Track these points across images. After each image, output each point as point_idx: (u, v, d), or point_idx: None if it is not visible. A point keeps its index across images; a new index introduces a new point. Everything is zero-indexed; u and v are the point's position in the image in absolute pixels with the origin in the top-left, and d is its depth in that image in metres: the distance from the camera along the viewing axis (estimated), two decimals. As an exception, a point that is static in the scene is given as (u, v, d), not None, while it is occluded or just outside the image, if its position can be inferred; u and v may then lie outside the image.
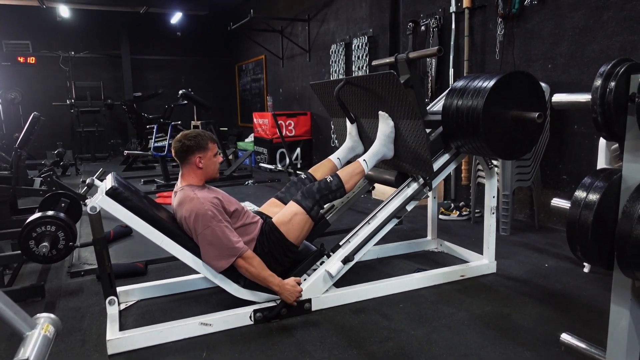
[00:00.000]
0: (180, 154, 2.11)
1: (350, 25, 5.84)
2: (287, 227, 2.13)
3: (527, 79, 2.18)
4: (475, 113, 2.11)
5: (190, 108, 6.68)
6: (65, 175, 6.92)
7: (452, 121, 2.26)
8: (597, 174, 1.19)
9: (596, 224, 1.13)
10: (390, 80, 2.18)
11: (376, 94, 2.31)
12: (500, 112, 2.14)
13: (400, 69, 2.47)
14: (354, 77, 2.39)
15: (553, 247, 3.01)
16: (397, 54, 2.44)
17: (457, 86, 2.27)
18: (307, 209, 2.14)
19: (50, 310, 2.24)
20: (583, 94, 1.24)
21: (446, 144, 2.43)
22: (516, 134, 2.21)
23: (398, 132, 2.35)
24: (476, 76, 2.24)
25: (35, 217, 2.29)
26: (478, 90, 2.13)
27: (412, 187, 2.37)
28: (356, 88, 2.43)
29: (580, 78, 3.20)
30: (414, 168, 2.37)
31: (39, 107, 7.20)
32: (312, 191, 2.19)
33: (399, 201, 2.33)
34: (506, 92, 2.12)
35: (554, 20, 3.34)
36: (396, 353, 1.78)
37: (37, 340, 1.15)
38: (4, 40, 9.12)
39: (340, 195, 2.26)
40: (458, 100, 2.21)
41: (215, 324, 1.97)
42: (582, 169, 3.25)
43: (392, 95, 2.23)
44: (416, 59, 2.40)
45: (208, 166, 2.12)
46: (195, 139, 2.10)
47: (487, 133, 2.13)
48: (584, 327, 1.95)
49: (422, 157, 2.26)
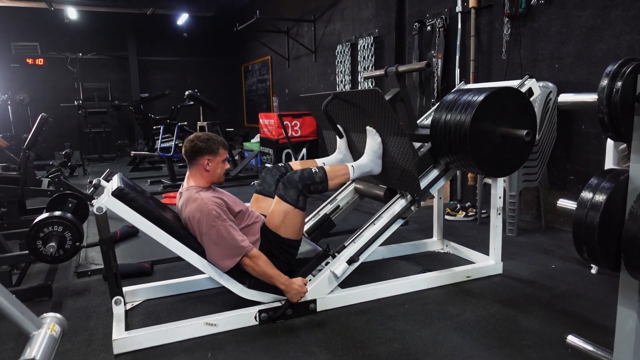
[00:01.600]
0: (190, 154, 2.12)
1: (356, 25, 5.84)
2: (282, 228, 2.10)
3: (517, 95, 2.15)
4: (463, 129, 2.07)
5: (196, 109, 6.71)
6: (72, 176, 6.97)
7: (440, 136, 2.22)
8: (604, 175, 1.18)
9: (603, 225, 1.12)
10: (376, 97, 2.14)
11: (363, 109, 2.27)
12: (489, 128, 2.10)
13: (390, 82, 2.44)
14: (341, 92, 2.35)
15: (560, 248, 2.99)
16: (387, 67, 2.41)
17: (446, 100, 2.23)
18: (292, 203, 2.09)
19: (57, 309, 2.25)
20: (590, 94, 1.23)
21: (435, 160, 2.38)
22: (505, 151, 2.17)
23: (385, 148, 2.30)
24: (466, 90, 2.21)
25: (43, 217, 2.31)
26: (466, 106, 2.08)
27: (400, 204, 2.33)
28: (345, 103, 2.38)
29: (588, 78, 3.17)
30: (401, 185, 2.32)
31: (47, 108, 7.27)
32: (293, 180, 2.11)
33: (386, 219, 2.28)
34: (495, 108, 2.09)
35: (561, 19, 3.32)
36: (401, 354, 1.78)
37: (44, 340, 1.15)
38: (12, 42, 9.21)
39: (322, 189, 2.18)
40: (446, 115, 2.17)
41: (220, 324, 1.98)
42: (589, 170, 3.23)
43: (379, 112, 2.19)
44: (406, 72, 2.37)
45: (215, 170, 2.13)
46: (207, 142, 2.10)
47: (474, 150, 2.09)
48: (590, 328, 1.93)
49: (409, 175, 2.21)
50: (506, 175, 2.40)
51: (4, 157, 5.22)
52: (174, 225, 2.02)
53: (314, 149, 6.99)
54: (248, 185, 5.84)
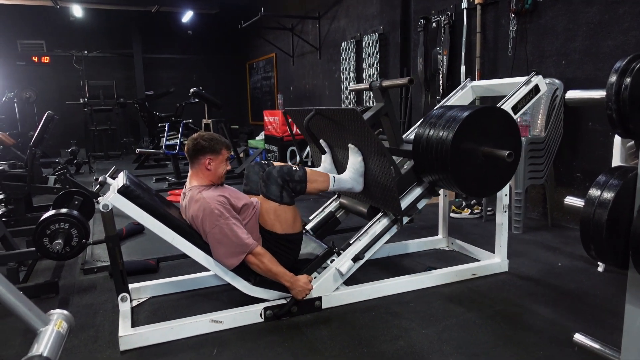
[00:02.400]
0: (192, 153, 2.12)
1: (361, 22, 5.82)
2: (276, 225, 2.09)
3: (502, 115, 2.10)
4: (444, 147, 2.00)
5: (201, 106, 6.73)
6: (78, 173, 7.00)
7: (422, 154, 2.15)
8: (612, 172, 1.17)
9: (611, 222, 1.11)
10: (354, 117, 2.10)
11: (344, 127, 2.23)
12: (471, 147, 2.03)
13: (374, 97, 2.40)
14: (324, 109, 2.29)
15: (566, 245, 2.97)
16: (372, 81, 2.38)
17: (430, 115, 2.17)
18: (277, 200, 2.06)
19: (63, 306, 2.27)
20: (597, 91, 1.22)
21: (418, 178, 2.32)
22: (487, 171, 2.10)
23: (367, 167, 2.25)
24: (450, 107, 2.16)
25: (49, 214, 2.32)
26: (449, 123, 2.02)
27: (382, 224, 2.28)
28: (327, 119, 2.33)
29: (595, 74, 3.15)
30: (383, 204, 2.27)
31: (53, 106, 7.30)
32: (272, 175, 2.07)
33: (368, 239, 2.25)
34: (479, 126, 2.02)
35: (568, 15, 3.29)
36: (407, 352, 1.77)
37: (51, 337, 1.16)
38: (19, 40, 9.26)
39: (300, 190, 2.12)
40: (429, 131, 2.11)
41: (225, 321, 1.99)
42: (596, 167, 3.20)
43: (359, 131, 2.15)
44: (389, 87, 2.33)
45: (216, 170, 2.13)
46: (211, 142, 2.11)
47: (455, 169, 2.02)
48: (597, 327, 1.93)
49: (390, 194, 2.16)
50: (488, 196, 2.33)
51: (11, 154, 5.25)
52: (179, 222, 2.02)
53: (319, 146, 6.98)
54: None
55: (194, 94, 6.26)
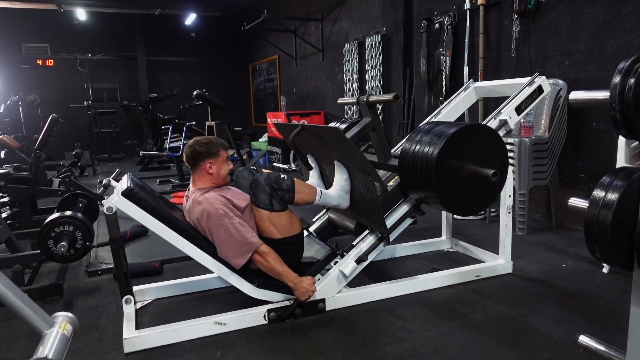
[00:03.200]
0: (192, 160, 2.13)
1: (364, 24, 5.82)
2: (272, 231, 2.07)
3: (489, 133, 2.07)
4: (429, 164, 1.95)
5: (204, 108, 6.73)
6: (83, 176, 7.03)
7: (408, 170, 2.10)
8: (616, 173, 1.17)
9: (615, 223, 1.10)
10: (337, 136, 2.08)
11: (330, 145, 2.22)
12: (457, 165, 1.98)
13: (362, 112, 2.37)
14: (309, 126, 2.27)
15: (571, 247, 2.96)
16: (359, 96, 2.37)
17: (417, 130, 2.14)
18: (267, 208, 2.04)
19: (68, 308, 2.27)
20: (601, 91, 1.22)
21: (405, 194, 2.27)
22: (473, 189, 2.04)
23: (353, 184, 2.23)
24: (437, 123, 2.13)
25: (54, 217, 2.33)
26: (435, 139, 1.98)
27: (368, 242, 2.24)
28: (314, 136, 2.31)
29: (599, 75, 3.14)
30: (368, 221, 2.24)
31: (57, 109, 7.35)
32: (259, 183, 2.03)
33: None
34: (465, 144, 1.98)
35: (571, 15, 3.28)
36: (410, 354, 1.77)
37: (56, 339, 1.16)
38: (23, 43, 9.32)
39: (287, 199, 2.08)
40: (415, 147, 2.06)
41: (229, 323, 1.99)
42: (600, 168, 3.19)
43: (343, 149, 2.13)
44: (376, 102, 2.31)
45: (218, 172, 2.14)
46: (207, 146, 2.11)
47: (440, 187, 1.98)
48: (602, 328, 1.91)
49: (375, 212, 2.13)
50: (473, 214, 2.29)
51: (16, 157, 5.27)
52: (183, 224, 2.03)
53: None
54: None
55: (197, 96, 6.27)
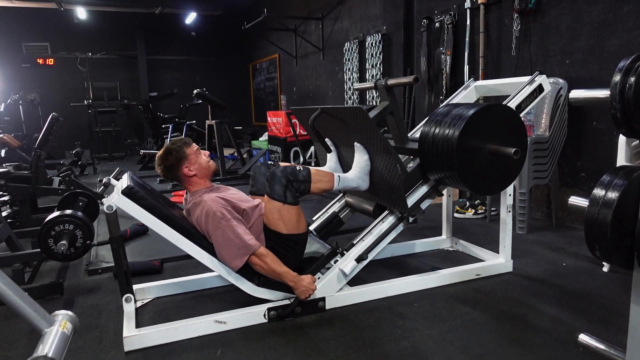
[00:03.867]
0: (170, 174, 2.14)
1: (364, 22, 5.82)
2: (280, 225, 2.08)
3: (508, 112, 2.10)
4: (450, 145, 2.00)
5: (205, 107, 6.73)
6: (83, 175, 7.04)
7: (428, 152, 2.15)
8: (617, 172, 1.16)
9: (615, 222, 1.10)
10: (360, 115, 2.10)
11: (350, 126, 2.24)
12: (477, 145, 2.03)
13: (380, 95, 2.39)
14: (329, 108, 2.30)
15: (571, 245, 2.96)
16: (377, 80, 2.38)
17: (436, 113, 2.18)
18: (280, 199, 2.05)
19: (68, 307, 2.28)
20: (602, 90, 1.22)
21: (424, 176, 2.31)
22: (493, 169, 2.10)
23: (373, 165, 2.25)
24: (456, 105, 2.16)
25: (54, 215, 2.34)
26: (455, 121, 2.02)
27: (388, 222, 2.28)
28: (333, 117, 2.34)
29: (599, 74, 3.13)
30: (389, 202, 2.27)
31: (57, 108, 7.34)
32: (276, 175, 2.06)
33: (372, 239, 2.25)
34: (485, 124, 2.02)
35: (572, 14, 3.28)
36: (411, 352, 1.77)
37: (56, 337, 1.16)
38: (23, 42, 9.31)
39: (304, 189, 2.11)
40: (435, 130, 2.11)
41: (229, 322, 1.99)
42: (601, 166, 3.19)
43: (364, 129, 2.15)
44: (395, 86, 2.33)
45: (199, 167, 2.14)
46: (172, 155, 2.11)
47: (461, 166, 2.02)
48: (602, 327, 1.92)
49: (396, 192, 2.16)
50: (494, 193, 2.33)
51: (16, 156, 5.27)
52: (183, 223, 2.03)
53: (322, 147, 6.98)
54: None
55: (197, 95, 6.27)
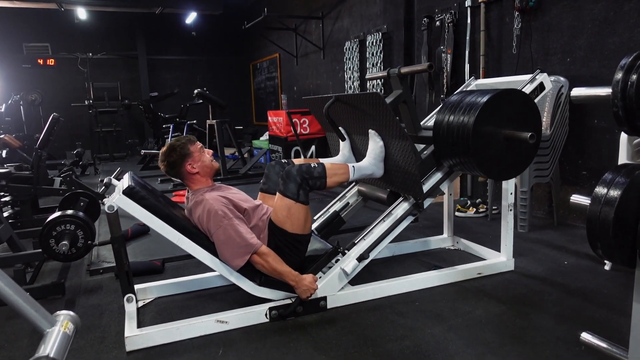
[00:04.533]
0: (172, 171, 2.14)
1: (364, 22, 5.81)
2: (287, 223, 2.08)
3: (521, 97, 2.11)
4: (466, 131, 2.03)
5: (205, 107, 6.73)
6: (84, 175, 7.04)
7: (443, 139, 2.18)
8: (619, 170, 1.16)
9: (617, 220, 1.10)
10: (376, 100, 2.12)
11: (365, 112, 2.25)
12: (492, 130, 2.06)
13: (392, 84, 2.40)
14: (343, 95, 2.32)
15: (572, 244, 2.96)
16: (390, 69, 2.39)
17: (449, 101, 2.20)
18: (293, 197, 2.06)
19: (70, 307, 2.28)
20: (603, 88, 1.21)
21: (438, 162, 2.35)
22: (509, 153, 2.13)
23: (388, 152, 2.27)
24: (469, 92, 2.18)
25: (55, 216, 2.33)
26: (469, 107, 2.05)
27: (403, 208, 2.30)
28: (347, 105, 2.36)
29: (601, 71, 3.13)
30: (404, 188, 2.29)
31: (58, 108, 7.35)
32: (292, 174, 2.07)
33: (389, 223, 2.27)
34: (499, 109, 2.05)
35: (573, 12, 3.27)
36: (412, 351, 1.77)
37: (57, 337, 1.17)
38: (24, 43, 9.32)
39: (320, 185, 2.13)
40: (449, 117, 2.14)
41: (231, 322, 1.99)
42: (602, 165, 3.18)
43: (380, 115, 2.17)
44: (408, 74, 2.34)
45: (202, 165, 2.14)
46: (175, 152, 2.12)
47: (477, 152, 2.05)
48: (605, 326, 1.91)
49: (411, 178, 2.19)
50: (510, 178, 2.35)
51: (17, 157, 5.28)
52: (184, 223, 2.03)
53: (323, 146, 6.98)
54: (258, 182, 5.85)
55: (198, 94, 6.28)
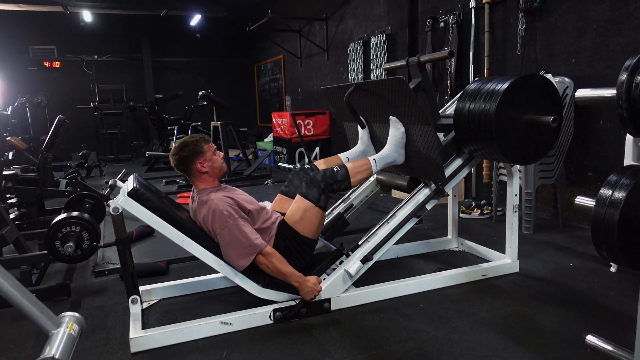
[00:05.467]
0: (181, 166, 2.14)
1: (368, 23, 5.82)
2: (300, 224, 2.10)
3: (542, 82, 2.13)
4: (488, 117, 2.06)
5: (210, 109, 6.75)
6: (89, 177, 7.07)
7: (464, 125, 2.22)
8: (624, 171, 1.16)
9: (622, 222, 1.10)
10: (400, 85, 2.14)
11: (386, 99, 2.28)
12: (514, 115, 2.09)
13: (411, 72, 2.43)
14: (364, 82, 2.36)
15: (578, 246, 2.94)
16: (409, 57, 2.41)
17: (469, 89, 2.23)
18: (314, 201, 2.09)
19: (75, 308, 2.29)
20: (608, 89, 1.21)
21: (459, 149, 2.38)
22: (530, 138, 2.16)
23: (409, 138, 2.30)
24: (489, 79, 2.20)
25: (61, 217, 2.35)
26: (491, 94, 2.08)
27: (424, 194, 2.33)
28: (367, 93, 2.40)
29: (606, 72, 3.11)
30: (425, 174, 2.33)
31: (64, 110, 7.40)
32: (316, 180, 2.12)
33: (410, 208, 2.29)
34: (520, 95, 2.08)
35: (578, 12, 3.26)
36: (416, 353, 1.76)
37: (62, 339, 1.17)
38: (30, 45, 9.38)
39: (345, 187, 2.21)
40: (470, 104, 2.17)
41: (235, 323, 1.99)
42: (607, 166, 3.17)
43: (402, 101, 2.19)
44: (428, 62, 2.36)
45: (212, 166, 2.15)
46: (189, 147, 2.12)
47: (500, 138, 2.08)
48: (610, 328, 1.90)
49: (433, 163, 2.22)
50: (532, 162, 2.38)
51: (23, 158, 5.31)
52: (188, 225, 2.03)
53: (327, 147, 6.99)
54: (262, 184, 5.86)
55: (202, 96, 6.30)
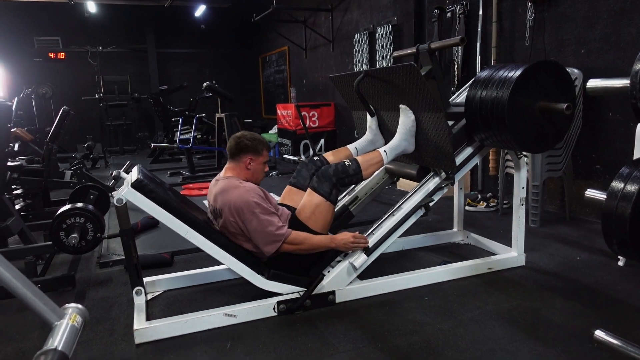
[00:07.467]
0: (235, 150, 2.15)
1: (374, 13, 5.76)
2: (312, 220, 2.12)
3: (555, 69, 2.10)
4: (500, 105, 2.04)
5: (214, 100, 6.73)
6: (94, 168, 7.10)
7: (476, 113, 2.19)
8: (636, 164, 1.13)
9: (635, 216, 1.07)
10: (411, 72, 2.12)
11: (397, 86, 2.26)
12: (527, 103, 2.06)
13: (422, 60, 2.40)
14: (373, 70, 2.33)
15: (585, 239, 2.91)
16: (419, 45, 2.38)
17: (481, 77, 2.20)
18: (325, 195, 2.12)
19: (80, 299, 2.30)
20: (620, 79, 1.18)
21: (469, 137, 2.37)
22: (544, 126, 2.13)
23: (419, 126, 2.29)
24: (501, 66, 2.17)
25: (65, 209, 2.35)
26: (503, 81, 2.05)
27: (434, 182, 2.33)
28: (376, 80, 2.38)
29: (616, 63, 3.06)
30: (435, 162, 2.32)
31: (69, 102, 7.39)
32: (327, 173, 2.14)
33: (421, 195, 2.28)
34: (533, 82, 2.05)
35: (588, 2, 3.20)
36: (421, 347, 1.75)
37: (65, 330, 1.17)
38: (35, 36, 9.38)
39: (357, 180, 2.22)
40: (482, 92, 2.15)
41: (239, 315, 1.99)
42: (617, 159, 3.12)
43: (413, 88, 2.17)
44: (438, 49, 2.33)
45: (255, 170, 2.17)
46: (253, 142, 2.15)
47: (513, 125, 2.06)
48: (618, 323, 1.88)
49: (444, 151, 2.21)
50: (545, 150, 2.35)
51: (29, 150, 5.33)
52: (192, 216, 2.02)
53: (332, 139, 6.96)
54: (267, 176, 5.85)
55: (207, 88, 6.28)
